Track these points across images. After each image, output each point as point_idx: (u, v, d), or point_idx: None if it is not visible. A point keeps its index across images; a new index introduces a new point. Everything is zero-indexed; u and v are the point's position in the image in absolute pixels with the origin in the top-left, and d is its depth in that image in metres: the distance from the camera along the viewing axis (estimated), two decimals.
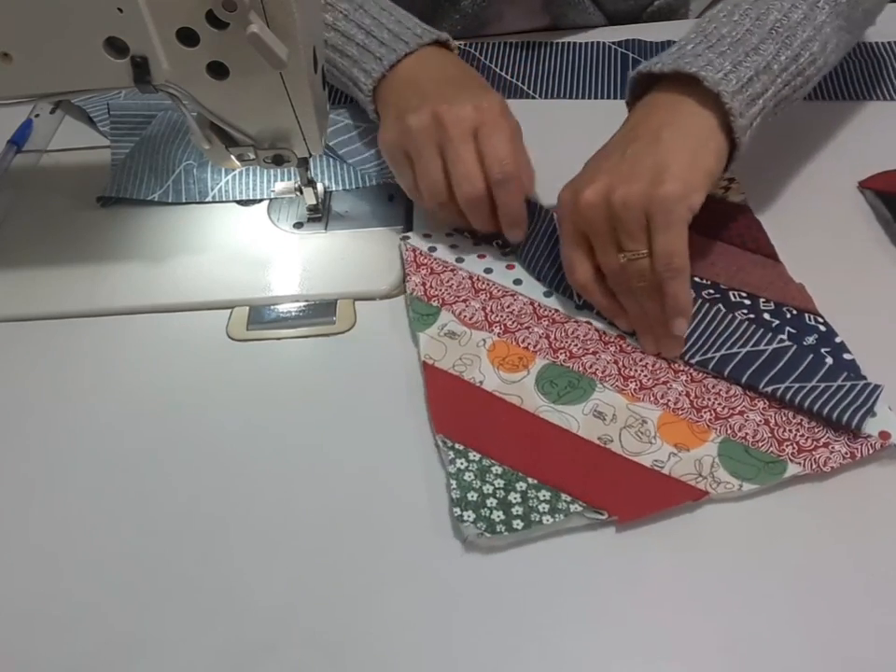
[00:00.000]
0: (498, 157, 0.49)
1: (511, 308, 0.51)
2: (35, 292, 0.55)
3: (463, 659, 0.37)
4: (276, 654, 0.37)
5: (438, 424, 0.44)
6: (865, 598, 0.37)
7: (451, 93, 0.51)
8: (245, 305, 0.53)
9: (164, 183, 0.60)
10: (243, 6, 0.39)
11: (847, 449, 0.41)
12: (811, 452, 0.41)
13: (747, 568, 0.39)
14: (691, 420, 0.44)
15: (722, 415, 0.44)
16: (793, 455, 0.41)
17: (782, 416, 0.43)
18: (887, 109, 0.64)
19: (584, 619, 0.37)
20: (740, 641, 0.36)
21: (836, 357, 0.45)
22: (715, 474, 0.41)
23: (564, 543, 0.40)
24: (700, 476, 0.41)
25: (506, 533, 0.39)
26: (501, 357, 0.48)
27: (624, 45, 0.72)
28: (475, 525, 0.39)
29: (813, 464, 0.41)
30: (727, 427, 0.43)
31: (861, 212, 0.55)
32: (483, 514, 0.40)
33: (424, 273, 0.53)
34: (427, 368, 0.47)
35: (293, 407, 0.47)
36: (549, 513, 0.40)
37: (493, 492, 0.41)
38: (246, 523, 0.42)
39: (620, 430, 0.43)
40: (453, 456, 0.42)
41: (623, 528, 0.40)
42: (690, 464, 0.42)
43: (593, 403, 0.45)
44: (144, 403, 0.48)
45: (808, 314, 0.48)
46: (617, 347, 0.48)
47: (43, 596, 0.40)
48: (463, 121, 0.50)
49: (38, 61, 0.44)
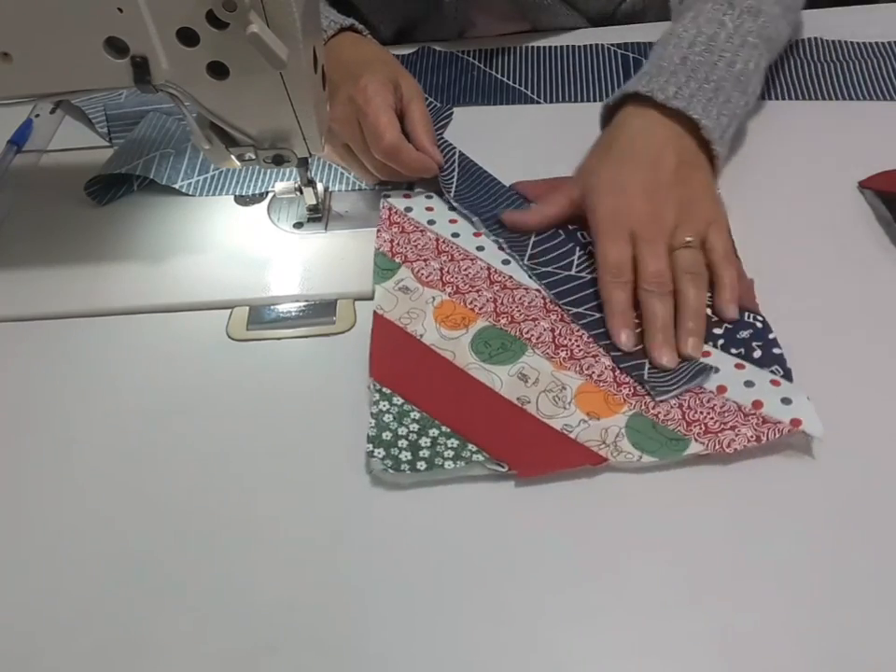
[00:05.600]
0: (375, 135, 0.53)
1: (468, 271, 0.53)
2: (35, 292, 0.55)
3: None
4: (277, 655, 0.37)
5: (374, 369, 0.47)
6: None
7: (338, 87, 0.56)
8: (245, 305, 0.53)
9: (135, 161, 0.61)
10: (243, 6, 0.39)
11: (754, 432, 0.42)
12: (717, 434, 0.42)
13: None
14: (609, 392, 0.45)
15: (640, 392, 0.45)
16: (699, 435, 0.43)
17: (696, 400, 0.44)
18: (887, 109, 0.64)
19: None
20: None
21: (766, 350, 0.46)
22: (618, 444, 0.43)
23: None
24: (604, 444, 0.43)
25: (409, 472, 0.42)
26: (445, 315, 0.50)
27: (624, 47, 0.72)
28: (382, 462, 0.42)
29: (717, 444, 0.42)
30: (642, 404, 0.45)
31: (861, 212, 0.55)
32: (393, 453, 0.43)
33: (395, 231, 0.55)
34: (376, 317, 0.50)
35: (293, 407, 0.47)
36: (452, 459, 0.42)
37: (406, 434, 0.44)
38: (247, 522, 0.42)
39: (539, 394, 0.45)
40: (378, 398, 0.45)
41: (523, 484, 0.42)
42: (597, 431, 0.43)
43: (519, 366, 0.47)
44: (144, 403, 0.48)
45: (748, 312, 0.48)
46: (558, 316, 0.50)
47: (43, 596, 0.40)
48: (344, 115, 0.55)
49: (38, 61, 0.44)
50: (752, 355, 0.46)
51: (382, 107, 0.54)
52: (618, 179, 0.51)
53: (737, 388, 0.44)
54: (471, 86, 0.70)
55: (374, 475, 0.42)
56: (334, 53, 0.59)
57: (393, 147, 0.53)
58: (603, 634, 0.37)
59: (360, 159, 0.57)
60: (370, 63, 0.58)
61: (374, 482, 0.43)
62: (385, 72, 0.57)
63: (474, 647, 0.37)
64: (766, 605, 0.37)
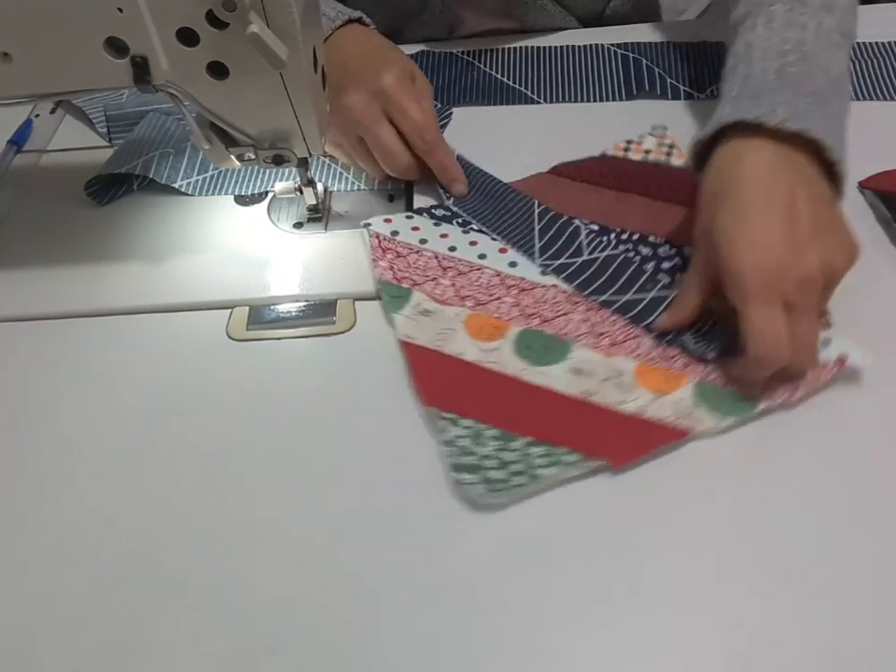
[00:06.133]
0: (417, 129, 0.54)
1: (480, 281, 0.52)
2: (34, 292, 0.55)
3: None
4: (277, 655, 0.37)
5: (427, 397, 0.45)
6: None
7: (355, 79, 0.55)
8: (245, 305, 0.53)
9: (135, 160, 0.61)
10: (243, 6, 0.39)
11: (811, 377, 0.44)
12: (778, 387, 0.43)
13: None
14: (665, 368, 0.46)
15: (693, 360, 0.46)
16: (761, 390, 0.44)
17: None
18: (887, 109, 0.64)
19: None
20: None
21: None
22: (694, 413, 0.43)
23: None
24: (680, 416, 0.43)
25: (507, 490, 0.41)
26: (477, 329, 0.49)
27: (625, 47, 0.72)
28: (476, 487, 0.41)
29: (781, 395, 0.43)
30: (698, 371, 0.45)
31: (861, 212, 0.55)
32: (483, 475, 0.41)
33: (391, 257, 0.54)
34: (406, 347, 0.48)
35: (293, 407, 0.47)
36: (546, 466, 0.41)
37: (489, 454, 0.42)
38: (247, 522, 0.42)
39: (600, 383, 0.45)
40: (445, 425, 0.44)
41: (615, 475, 0.42)
42: (669, 407, 0.44)
43: (571, 362, 0.47)
44: (144, 403, 0.48)
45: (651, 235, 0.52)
46: (586, 306, 0.50)
47: (43, 596, 0.40)
48: (368, 108, 0.54)
49: (38, 61, 0.44)
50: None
51: (417, 102, 0.54)
52: (756, 235, 0.42)
53: None
54: (471, 86, 0.70)
55: (471, 500, 0.41)
56: (344, 43, 0.58)
57: (437, 141, 0.55)
58: (613, 634, 0.37)
59: (380, 153, 0.56)
60: (386, 55, 0.58)
61: (373, 481, 0.43)
62: (402, 66, 0.57)
63: (475, 647, 0.37)
64: (779, 603, 0.37)
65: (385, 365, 0.49)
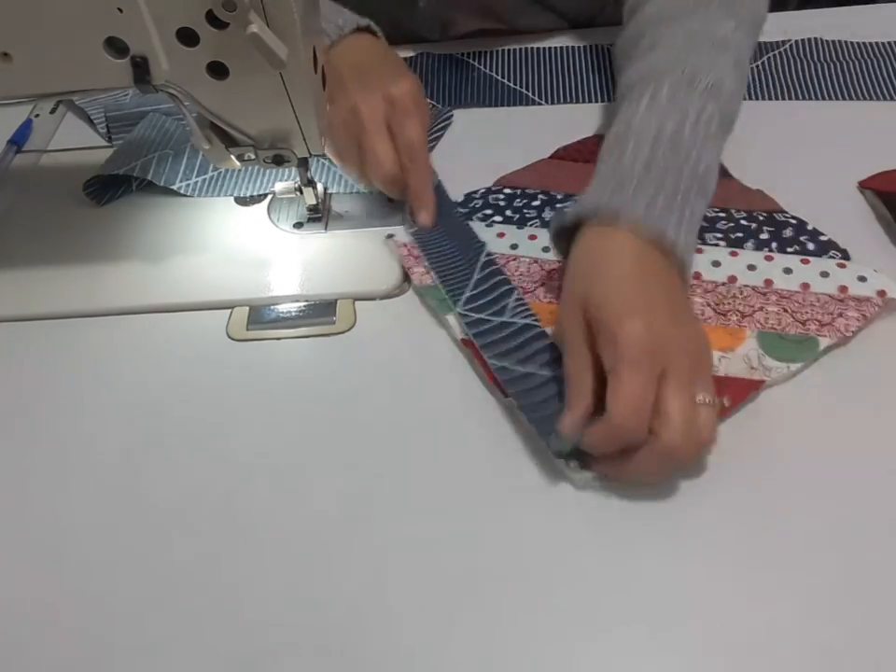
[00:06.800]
0: (409, 144, 0.54)
1: (519, 270, 0.52)
2: (34, 292, 0.55)
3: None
4: (277, 655, 0.37)
5: (502, 389, 0.45)
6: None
7: (366, 82, 0.56)
8: (245, 305, 0.53)
9: (134, 162, 0.61)
10: (243, 6, 0.39)
11: (857, 313, 0.47)
12: (831, 324, 0.47)
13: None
14: (722, 325, 0.47)
15: (747, 314, 0.48)
16: (818, 330, 0.46)
17: (794, 303, 0.48)
18: (887, 109, 0.64)
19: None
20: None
21: (815, 241, 0.52)
22: (764, 362, 0.45)
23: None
24: (752, 368, 0.45)
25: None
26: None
27: None
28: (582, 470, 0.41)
29: (837, 333, 0.46)
30: (755, 323, 0.47)
31: (861, 212, 0.55)
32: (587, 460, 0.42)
33: (425, 262, 0.54)
34: (467, 345, 0.48)
35: (293, 407, 0.47)
36: None
37: None
38: (247, 523, 0.42)
39: None
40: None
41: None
42: (739, 361, 0.45)
43: None
44: (143, 403, 0.48)
45: (776, 213, 0.54)
46: None
47: (43, 596, 0.40)
48: (375, 112, 0.55)
49: (38, 61, 0.44)
50: (807, 247, 0.51)
51: (420, 120, 0.55)
52: (638, 305, 0.41)
53: (818, 281, 0.49)
54: (471, 88, 0.70)
55: (578, 485, 0.42)
56: (355, 50, 0.59)
57: (422, 164, 0.55)
58: (611, 636, 0.37)
59: (371, 158, 0.56)
60: (399, 67, 0.59)
61: (374, 480, 0.43)
62: (416, 79, 0.57)
63: (476, 647, 0.37)
64: (777, 606, 0.37)
65: (384, 365, 0.49)
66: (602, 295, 0.42)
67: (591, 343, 0.41)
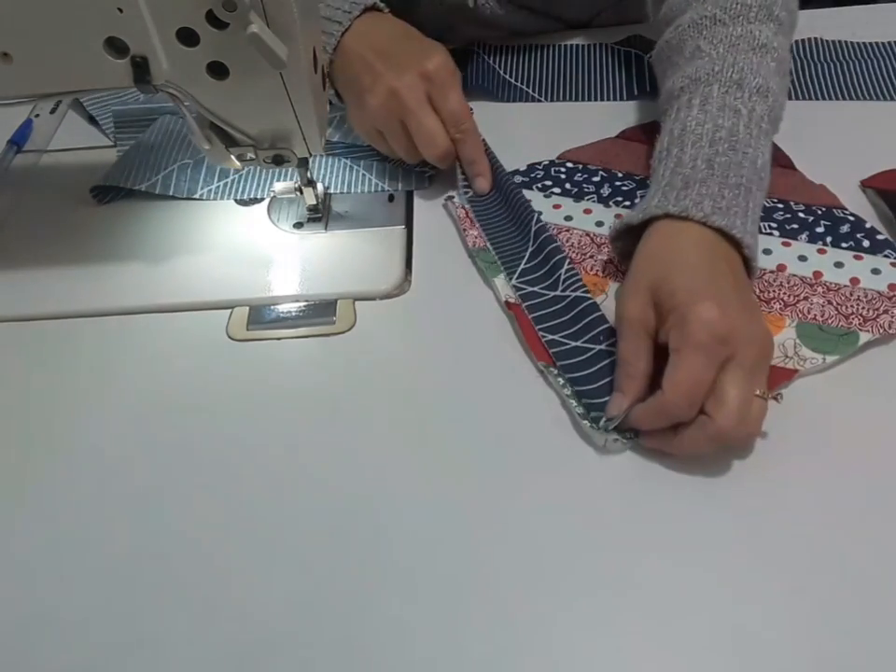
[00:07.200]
0: (455, 115, 0.55)
1: (571, 242, 0.54)
2: (35, 292, 0.55)
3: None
4: (277, 655, 0.37)
5: (538, 355, 0.47)
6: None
7: (396, 61, 0.55)
8: (245, 305, 0.53)
9: (155, 176, 0.61)
10: (243, 6, 0.39)
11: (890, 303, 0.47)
12: (875, 320, 0.47)
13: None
14: (764, 312, 0.48)
15: (790, 303, 0.48)
16: (860, 325, 0.46)
17: (840, 297, 0.48)
18: (888, 109, 0.64)
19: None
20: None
21: (871, 239, 0.51)
22: (799, 352, 0.45)
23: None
24: (787, 357, 0.45)
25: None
26: None
27: (627, 42, 0.72)
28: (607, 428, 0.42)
29: (879, 329, 0.46)
30: (797, 313, 0.48)
31: (864, 211, 0.55)
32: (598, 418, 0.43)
33: (480, 225, 0.56)
34: (511, 307, 0.50)
35: (293, 407, 0.47)
36: None
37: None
38: (247, 523, 0.42)
39: None
40: (563, 381, 0.45)
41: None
42: (775, 350, 0.44)
43: None
44: (144, 403, 0.48)
45: (836, 208, 0.54)
46: None
47: (43, 596, 0.40)
48: (415, 90, 0.54)
49: (38, 61, 0.44)
50: (862, 244, 0.51)
51: (459, 89, 0.56)
52: (713, 292, 0.41)
53: (868, 277, 0.49)
54: (473, 83, 0.70)
55: (607, 447, 0.43)
56: (371, 31, 0.58)
57: (472, 131, 0.57)
58: (614, 634, 0.37)
59: (422, 137, 0.56)
60: (422, 40, 0.59)
61: (375, 479, 0.43)
62: (444, 50, 0.57)
63: (475, 647, 0.37)
64: (779, 603, 0.37)
65: (384, 365, 0.49)
66: (676, 282, 0.42)
67: (651, 329, 0.43)
